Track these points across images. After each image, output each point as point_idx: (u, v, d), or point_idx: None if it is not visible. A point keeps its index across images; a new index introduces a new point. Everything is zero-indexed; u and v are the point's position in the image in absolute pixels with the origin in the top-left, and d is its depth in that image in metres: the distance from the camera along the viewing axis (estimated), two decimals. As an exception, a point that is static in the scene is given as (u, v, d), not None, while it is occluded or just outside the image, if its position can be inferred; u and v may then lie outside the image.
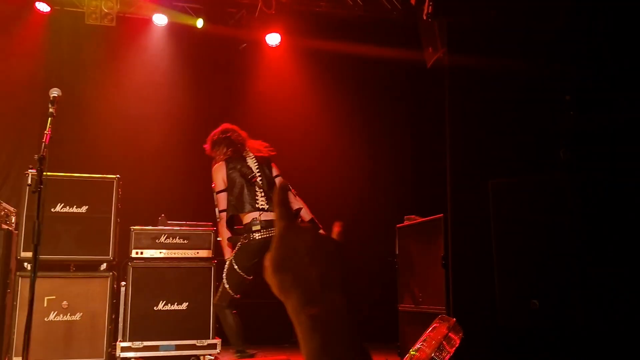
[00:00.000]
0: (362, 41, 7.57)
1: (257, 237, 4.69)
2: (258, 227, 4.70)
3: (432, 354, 3.33)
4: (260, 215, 4.75)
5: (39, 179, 3.54)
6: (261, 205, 4.79)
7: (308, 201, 7.75)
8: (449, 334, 3.30)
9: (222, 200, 4.82)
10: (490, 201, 3.95)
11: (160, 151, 7.30)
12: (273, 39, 7.73)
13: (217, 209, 4.88)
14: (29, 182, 3.57)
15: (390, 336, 6.03)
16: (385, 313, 6.63)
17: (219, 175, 4.87)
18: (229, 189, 4.83)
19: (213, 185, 4.94)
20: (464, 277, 4.25)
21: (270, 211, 4.75)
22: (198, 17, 7.30)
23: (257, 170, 4.90)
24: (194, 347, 5.20)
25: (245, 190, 4.81)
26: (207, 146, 5.05)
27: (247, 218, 4.76)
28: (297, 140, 7.83)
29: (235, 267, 4.67)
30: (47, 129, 3.54)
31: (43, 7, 6.98)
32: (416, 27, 6.90)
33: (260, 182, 4.85)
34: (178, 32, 7.55)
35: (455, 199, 4.30)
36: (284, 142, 7.85)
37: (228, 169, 4.85)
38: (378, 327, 7.01)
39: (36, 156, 3.49)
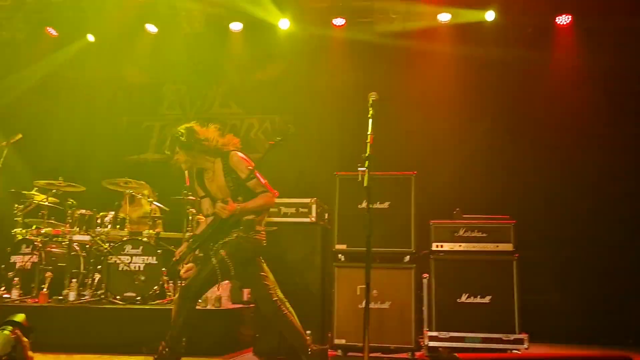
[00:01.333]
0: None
1: None
2: None
3: None
4: None
5: (367, 176, 3.82)
6: None
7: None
8: None
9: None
10: None
11: (455, 147, 7.44)
12: (563, 19, 7.29)
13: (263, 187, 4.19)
14: (359, 179, 3.89)
15: None
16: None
17: None
18: None
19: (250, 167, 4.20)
20: None
21: None
22: (485, 9, 7.23)
23: None
24: (499, 340, 5.15)
25: None
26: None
27: None
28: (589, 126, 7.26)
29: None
30: (369, 130, 3.85)
31: (339, 22, 7.68)
32: None
33: None
34: (461, 28, 7.59)
35: None
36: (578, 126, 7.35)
37: None
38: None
39: (364, 155, 3.81)
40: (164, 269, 6.24)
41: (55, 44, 8.63)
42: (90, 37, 8.57)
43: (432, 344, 5.26)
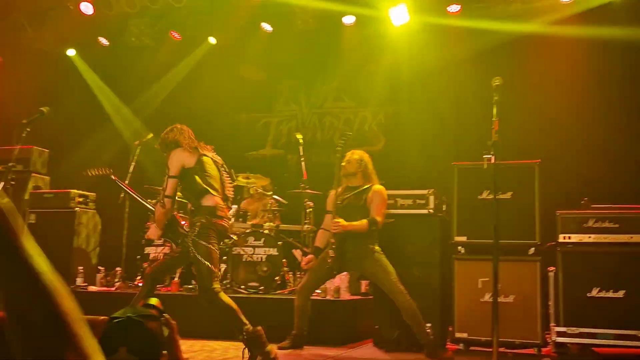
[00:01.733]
0: None
1: None
2: None
3: None
4: None
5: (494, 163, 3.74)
6: None
7: None
8: None
9: None
10: None
11: (581, 133, 7.04)
12: None
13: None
14: (485, 166, 3.81)
15: None
16: None
17: None
18: None
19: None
20: None
21: None
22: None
23: None
24: (635, 337, 4.83)
25: None
26: None
27: None
28: None
29: None
30: (494, 116, 3.75)
31: (453, 9, 7.54)
32: None
33: None
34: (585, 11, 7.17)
35: None
36: None
37: None
38: None
39: (489, 142, 3.72)
40: (284, 260, 6.44)
41: (179, 48, 9.09)
42: (212, 40, 8.94)
43: (559, 339, 5.03)
